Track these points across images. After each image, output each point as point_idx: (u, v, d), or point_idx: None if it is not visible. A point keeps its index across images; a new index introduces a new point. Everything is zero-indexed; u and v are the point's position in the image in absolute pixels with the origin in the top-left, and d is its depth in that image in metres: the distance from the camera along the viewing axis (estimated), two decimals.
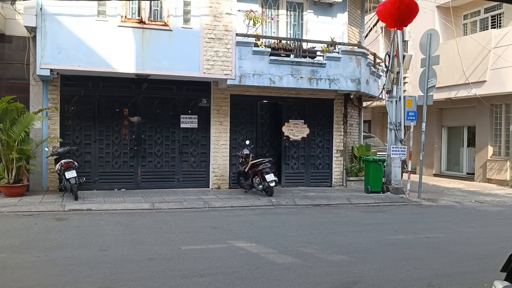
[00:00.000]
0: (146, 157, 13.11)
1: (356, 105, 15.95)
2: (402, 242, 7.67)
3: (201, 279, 5.42)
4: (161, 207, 10.54)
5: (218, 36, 12.35)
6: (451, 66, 17.72)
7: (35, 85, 12.02)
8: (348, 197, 12.52)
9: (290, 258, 6.49)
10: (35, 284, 5.17)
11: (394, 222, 9.86)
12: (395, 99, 13.65)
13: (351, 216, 10.27)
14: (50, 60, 11.11)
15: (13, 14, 11.59)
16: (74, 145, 12.30)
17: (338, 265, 6.15)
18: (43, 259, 6.18)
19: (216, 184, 13.60)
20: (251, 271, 5.79)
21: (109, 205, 10.38)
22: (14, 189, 11.01)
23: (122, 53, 11.57)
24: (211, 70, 12.32)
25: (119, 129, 12.91)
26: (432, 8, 18.71)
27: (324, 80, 13.41)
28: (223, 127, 13.65)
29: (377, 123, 24.24)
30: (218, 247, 7.00)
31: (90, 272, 5.60)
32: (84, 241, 7.28)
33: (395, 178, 13.68)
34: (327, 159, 14.92)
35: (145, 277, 5.43)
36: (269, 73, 12.86)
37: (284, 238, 7.82)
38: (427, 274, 5.89)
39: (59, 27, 11.14)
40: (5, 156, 10.91)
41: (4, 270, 5.62)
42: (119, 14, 11.61)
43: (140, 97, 13.01)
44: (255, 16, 13.11)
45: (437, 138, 20.14)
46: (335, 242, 7.54)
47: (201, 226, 8.69)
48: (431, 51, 13.15)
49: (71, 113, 12.49)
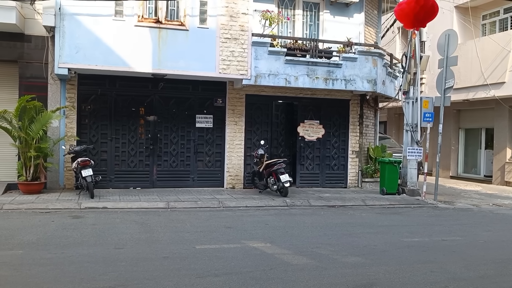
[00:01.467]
0: (162, 156, 13.18)
1: (372, 106, 15.83)
2: (418, 245, 7.59)
3: (215, 279, 5.42)
4: (176, 206, 10.58)
5: (234, 36, 12.37)
6: (469, 67, 17.50)
7: (53, 84, 12.16)
8: (363, 199, 12.43)
9: (305, 259, 6.47)
10: (51, 280, 5.23)
11: (409, 224, 9.76)
12: (411, 100, 13.52)
13: (366, 218, 10.19)
14: (68, 59, 11.23)
15: (32, 14, 11.74)
16: (90, 143, 12.42)
17: (353, 267, 6.11)
18: (60, 256, 6.24)
19: (230, 184, 13.62)
20: (266, 271, 5.78)
21: (124, 204, 10.46)
22: (32, 187, 11.15)
23: (138, 52, 11.65)
24: (227, 70, 12.34)
25: (135, 128, 13.00)
26: (451, 9, 18.50)
27: (340, 81, 13.34)
28: (238, 127, 13.66)
29: (393, 124, 24.04)
30: (233, 247, 7.00)
31: (105, 269, 5.65)
32: (99, 239, 7.34)
33: (411, 179, 13.54)
34: (343, 160, 14.84)
35: (160, 276, 5.45)
36: (284, 73, 12.83)
37: (299, 239, 7.80)
38: (443, 277, 5.82)
39: (77, 27, 11.26)
40: (24, 154, 11.06)
41: (22, 266, 5.69)
42: (136, 13, 11.69)
43: (156, 97, 13.09)
44: (271, 16, 13.08)
45: (454, 140, 19.90)
46: (350, 244, 7.49)
47: (216, 225, 8.70)
48: (449, 51, 13.00)
49: (88, 112, 12.62)
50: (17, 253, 6.29)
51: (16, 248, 6.56)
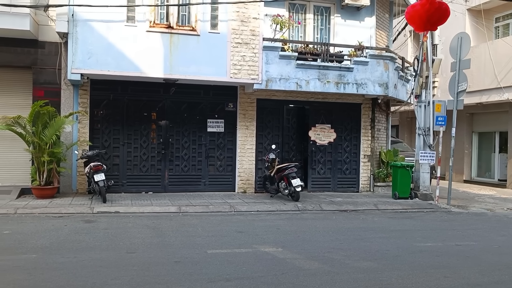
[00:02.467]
0: (173, 160, 13.23)
1: (384, 109, 15.75)
2: (431, 250, 7.52)
3: (227, 283, 5.42)
4: (187, 210, 10.61)
5: (245, 41, 12.40)
6: (483, 70, 17.34)
7: (66, 89, 12.29)
8: (375, 203, 12.35)
9: (317, 263, 6.44)
10: (64, 284, 5.27)
11: (422, 229, 9.67)
12: (424, 103, 13.43)
13: (378, 222, 10.13)
14: (80, 65, 11.35)
15: (46, 21, 11.88)
16: (103, 148, 12.51)
17: (365, 272, 6.06)
18: (72, 260, 6.29)
19: (242, 188, 13.62)
20: (277, 276, 5.76)
21: (136, 208, 10.51)
22: (45, 191, 11.26)
23: (150, 57, 11.73)
24: (238, 74, 12.37)
25: (147, 132, 13.07)
26: (463, 11, 18.37)
27: (352, 85, 13.30)
28: (249, 131, 13.67)
29: (405, 128, 23.88)
30: (244, 251, 7.00)
31: (117, 274, 5.67)
32: (112, 243, 7.38)
33: (424, 184, 13.43)
34: (354, 164, 14.77)
35: (172, 280, 5.46)
36: (295, 78, 12.83)
37: (310, 243, 7.77)
38: (457, 283, 5.76)
39: (90, 33, 11.38)
40: (37, 159, 11.17)
41: (35, 270, 5.74)
42: (148, 19, 11.78)
43: (168, 101, 13.15)
44: (282, 20, 13.08)
45: (467, 143, 19.71)
46: (362, 248, 7.44)
47: (227, 230, 8.70)
48: (462, 54, 12.90)
49: (100, 117, 12.72)
50: (31, 257, 6.35)
51: (29, 252, 6.62)
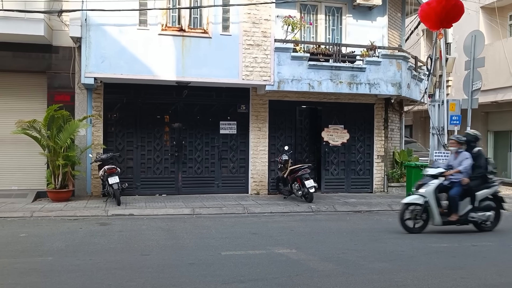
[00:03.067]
0: (187, 163, 13.28)
1: (397, 109, 15.64)
2: (447, 250, 7.44)
3: (241, 285, 5.41)
4: (201, 212, 10.64)
5: (256, 42, 12.41)
6: (497, 68, 17.12)
7: (80, 93, 12.41)
8: (389, 204, 12.26)
9: (331, 265, 6.40)
10: (80, 286, 5.31)
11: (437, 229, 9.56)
12: (437, 103, 13.29)
13: (392, 223, 10.02)
14: (94, 69, 11.45)
15: (59, 26, 12.01)
16: (116, 151, 12.60)
17: (380, 273, 6.02)
18: (88, 262, 6.34)
19: (255, 190, 13.62)
20: (291, 277, 5.74)
21: (150, 210, 10.57)
22: (60, 194, 11.37)
23: (163, 60, 11.80)
24: (250, 76, 12.38)
25: (160, 135, 13.14)
26: (476, 9, 18.17)
27: (364, 85, 13.23)
28: (262, 132, 13.67)
29: (419, 128, 23.68)
30: (258, 253, 6.99)
31: (132, 276, 5.70)
32: (126, 245, 7.42)
33: None
34: (368, 165, 14.68)
35: (186, 282, 5.47)
36: (308, 78, 12.80)
37: (324, 244, 7.73)
38: (474, 284, 5.68)
39: (103, 37, 11.48)
40: (52, 162, 11.29)
41: (52, 273, 5.80)
42: (160, 22, 11.85)
43: (181, 104, 13.21)
44: (294, 21, 13.06)
45: (482, 143, 19.41)
46: (376, 249, 7.39)
47: (241, 231, 8.70)
48: (476, 53, 12.77)
49: (114, 120, 12.82)
50: (47, 260, 6.41)
51: (45, 255, 6.69)
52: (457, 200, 8.76)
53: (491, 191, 9.01)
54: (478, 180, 8.91)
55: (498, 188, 9.13)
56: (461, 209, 8.82)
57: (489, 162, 9.14)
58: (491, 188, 9.01)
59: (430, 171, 8.99)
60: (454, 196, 8.76)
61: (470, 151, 9.07)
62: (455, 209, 8.77)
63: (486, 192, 8.95)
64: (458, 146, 9.14)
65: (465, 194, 8.84)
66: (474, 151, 9.08)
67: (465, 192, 8.83)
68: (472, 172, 8.85)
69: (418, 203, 8.67)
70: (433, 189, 8.68)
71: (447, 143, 13.15)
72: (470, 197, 8.87)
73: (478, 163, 8.93)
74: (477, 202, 8.88)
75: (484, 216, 8.89)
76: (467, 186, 8.77)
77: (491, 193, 9.02)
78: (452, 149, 9.33)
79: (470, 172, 8.83)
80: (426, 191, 8.67)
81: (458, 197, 8.76)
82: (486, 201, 8.96)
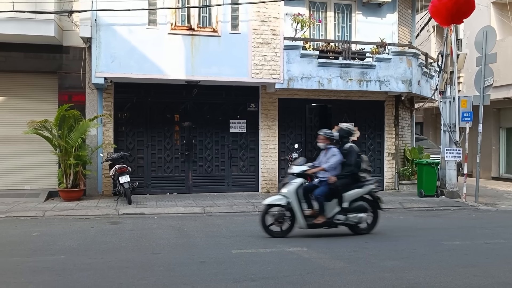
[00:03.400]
0: (197, 161, 13.30)
1: (408, 106, 15.54)
2: (459, 248, 7.37)
3: (252, 283, 5.41)
4: (211, 211, 10.65)
5: (266, 41, 12.40)
6: (509, 64, 16.92)
7: (91, 93, 12.49)
8: (400, 201, 12.20)
9: (342, 263, 6.38)
10: (92, 285, 5.34)
11: (449, 227, 9.50)
12: (449, 99, 13.21)
13: (404, 221, 9.99)
14: (104, 69, 11.51)
15: (70, 26, 12.09)
16: (127, 150, 12.66)
17: (392, 271, 5.98)
18: (99, 261, 6.38)
19: (265, 188, 13.61)
20: (302, 275, 5.73)
21: (161, 209, 10.61)
22: (72, 194, 11.46)
23: (172, 60, 11.83)
24: (259, 74, 12.37)
25: (170, 134, 13.18)
26: (488, 5, 17.97)
27: (374, 82, 13.17)
28: (272, 131, 13.65)
29: (430, 125, 23.51)
30: (269, 251, 6.98)
31: (143, 274, 5.73)
32: (137, 244, 7.46)
33: (450, 181, 13.20)
34: (379, 163, 14.60)
35: (197, 280, 5.48)
36: (317, 76, 12.76)
37: (335, 242, 7.71)
38: (487, 282, 5.62)
39: (113, 37, 11.54)
40: (63, 162, 11.38)
41: (64, 271, 5.84)
42: (169, 22, 11.88)
43: (191, 103, 13.24)
44: (303, 19, 13.01)
45: (495, 139, 19.26)
46: (388, 247, 7.35)
47: (252, 230, 8.69)
48: (487, 49, 12.63)
49: (124, 120, 12.87)
50: (59, 259, 6.46)
51: (58, 254, 6.74)
52: (322, 200, 7.94)
53: (364, 190, 8.20)
54: (347, 179, 8.11)
55: (373, 187, 8.28)
56: (330, 210, 8.01)
57: (362, 160, 8.30)
58: (364, 188, 8.20)
59: (294, 169, 8.21)
60: (318, 196, 7.96)
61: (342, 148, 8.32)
62: (321, 211, 7.97)
63: (358, 192, 8.16)
64: (326, 142, 8.28)
65: (334, 194, 8.06)
66: (345, 148, 8.26)
67: (334, 192, 8.05)
68: (342, 170, 8.10)
69: (281, 204, 7.92)
70: (295, 188, 7.93)
71: (459, 140, 13.05)
72: (338, 197, 8.07)
73: (348, 161, 8.12)
74: (347, 203, 8.08)
75: (356, 218, 8.10)
76: (334, 186, 7.99)
77: (365, 193, 8.23)
78: (320, 146, 8.38)
79: (340, 170, 8.08)
80: (288, 191, 7.93)
81: (323, 197, 7.95)
82: (359, 202, 8.18)
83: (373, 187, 8.31)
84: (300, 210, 7.92)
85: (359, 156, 8.29)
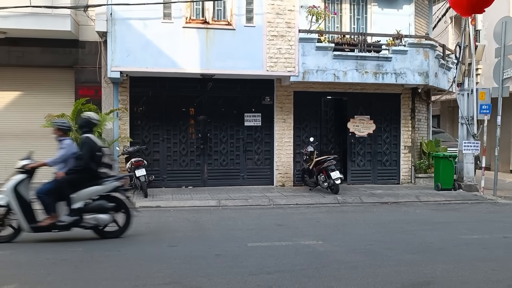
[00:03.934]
0: (212, 155, 13.34)
1: (424, 99, 15.37)
2: (477, 242, 7.28)
3: (267, 276, 5.42)
4: (227, 204, 10.69)
5: (280, 33, 12.34)
6: None
7: (107, 87, 12.57)
8: (417, 195, 12.09)
9: (358, 256, 6.35)
10: (109, 277, 5.40)
11: (467, 220, 9.40)
12: (466, 92, 13.02)
13: (420, 214, 9.91)
14: (119, 63, 11.58)
15: (85, 21, 12.17)
16: (143, 144, 12.74)
17: (408, 265, 5.94)
18: (116, 254, 6.45)
19: (280, 182, 13.60)
20: (318, 269, 5.72)
21: (177, 202, 10.67)
22: None
23: (187, 53, 11.85)
24: (274, 67, 12.33)
25: (185, 128, 13.22)
26: None
27: (390, 74, 13.03)
28: (287, 124, 13.61)
29: (447, 118, 23.23)
30: (284, 244, 6.98)
31: (160, 267, 5.77)
32: (154, 237, 7.52)
33: (468, 174, 13.05)
34: (395, 156, 14.48)
35: (213, 273, 5.51)
36: (333, 69, 12.67)
37: (351, 236, 7.68)
38: (506, 276, 5.56)
39: (128, 31, 11.58)
40: None
41: (82, 264, 5.92)
42: (184, 15, 11.89)
43: (205, 97, 13.25)
44: (318, 11, 12.90)
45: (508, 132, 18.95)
46: (404, 241, 7.30)
47: (267, 223, 8.71)
48: (507, 40, 12.41)
49: (140, 113, 12.95)
50: (77, 251, 6.55)
51: (75, 246, 6.83)
52: (45, 199, 6.98)
53: (104, 188, 7.22)
54: (79, 175, 7.11)
55: (117, 184, 7.30)
56: (62, 211, 7.08)
57: (103, 153, 7.38)
58: (104, 185, 7.21)
59: (18, 164, 7.13)
60: (39, 195, 6.98)
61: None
62: (48, 211, 7.00)
63: (96, 190, 7.18)
64: (58, 134, 7.36)
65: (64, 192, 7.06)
66: (82, 139, 7.39)
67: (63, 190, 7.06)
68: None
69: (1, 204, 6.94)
70: (13, 186, 6.90)
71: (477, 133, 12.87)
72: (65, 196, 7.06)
73: (80, 154, 7.18)
74: (82, 202, 7.09)
75: (94, 220, 7.14)
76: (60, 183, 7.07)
77: (107, 191, 7.27)
78: (55, 137, 7.44)
79: (72, 164, 7.15)
80: (6, 189, 6.90)
81: (46, 196, 6.98)
82: (100, 201, 7.22)
83: (118, 184, 7.33)
84: (20, 211, 6.87)
85: (100, 149, 7.38)
